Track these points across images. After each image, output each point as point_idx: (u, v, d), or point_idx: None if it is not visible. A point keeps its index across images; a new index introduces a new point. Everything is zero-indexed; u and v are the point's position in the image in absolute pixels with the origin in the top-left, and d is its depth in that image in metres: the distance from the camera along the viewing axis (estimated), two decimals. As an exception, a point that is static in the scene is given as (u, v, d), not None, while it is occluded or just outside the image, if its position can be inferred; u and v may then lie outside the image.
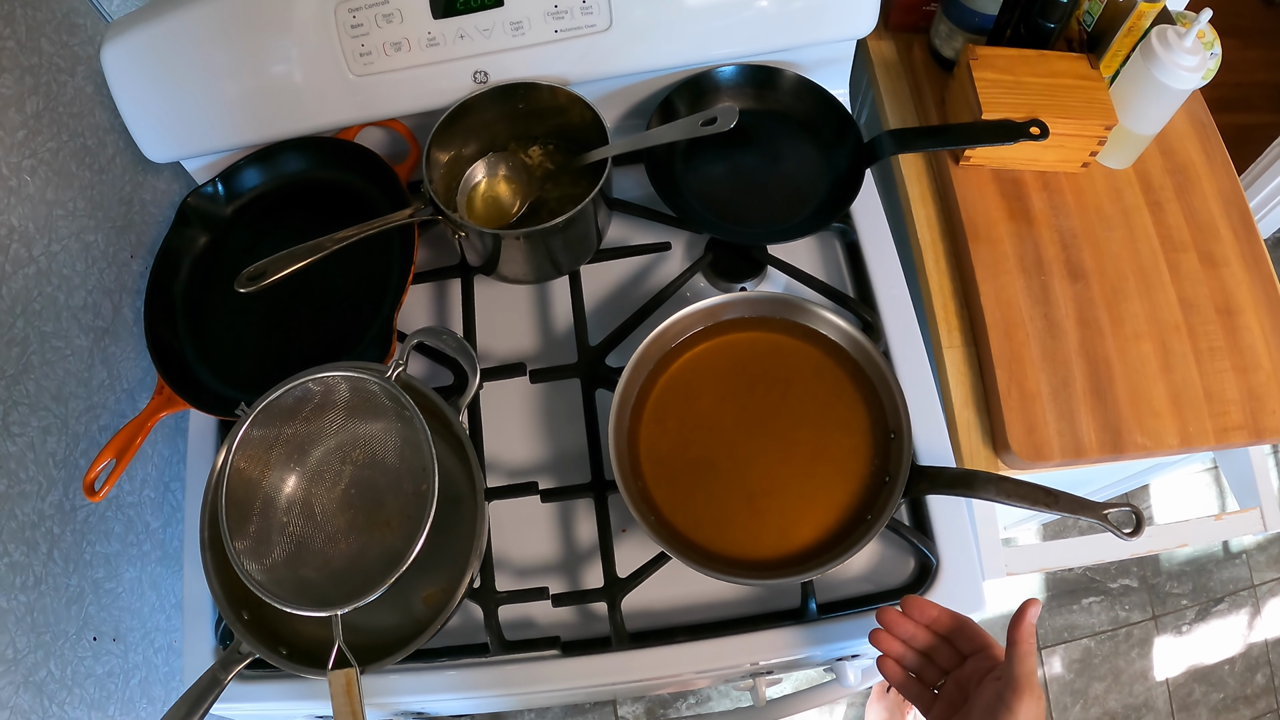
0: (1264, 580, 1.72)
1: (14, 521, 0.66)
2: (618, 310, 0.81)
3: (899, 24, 0.97)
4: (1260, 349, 0.80)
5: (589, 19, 0.77)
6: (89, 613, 0.73)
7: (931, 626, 0.59)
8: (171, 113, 0.79)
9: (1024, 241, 0.83)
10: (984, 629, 0.58)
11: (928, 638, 0.59)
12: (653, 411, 0.72)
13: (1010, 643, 0.53)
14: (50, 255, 0.72)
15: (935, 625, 0.59)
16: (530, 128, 0.82)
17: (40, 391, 0.70)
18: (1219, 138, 0.92)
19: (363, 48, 0.76)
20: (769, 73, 0.84)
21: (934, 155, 0.90)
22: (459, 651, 0.69)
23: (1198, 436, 0.77)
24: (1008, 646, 0.53)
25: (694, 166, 0.84)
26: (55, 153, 0.73)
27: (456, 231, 0.75)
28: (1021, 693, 0.51)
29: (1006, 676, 0.52)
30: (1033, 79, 0.82)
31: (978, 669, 0.56)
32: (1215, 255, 0.84)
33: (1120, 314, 0.81)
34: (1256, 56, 2.24)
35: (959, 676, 0.57)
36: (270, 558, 0.62)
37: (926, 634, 0.59)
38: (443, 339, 0.67)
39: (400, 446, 0.67)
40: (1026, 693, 0.51)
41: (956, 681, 0.57)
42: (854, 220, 0.84)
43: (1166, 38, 0.77)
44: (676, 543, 0.66)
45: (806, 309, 0.73)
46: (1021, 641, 0.52)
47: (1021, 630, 0.53)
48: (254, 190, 0.85)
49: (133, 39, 0.76)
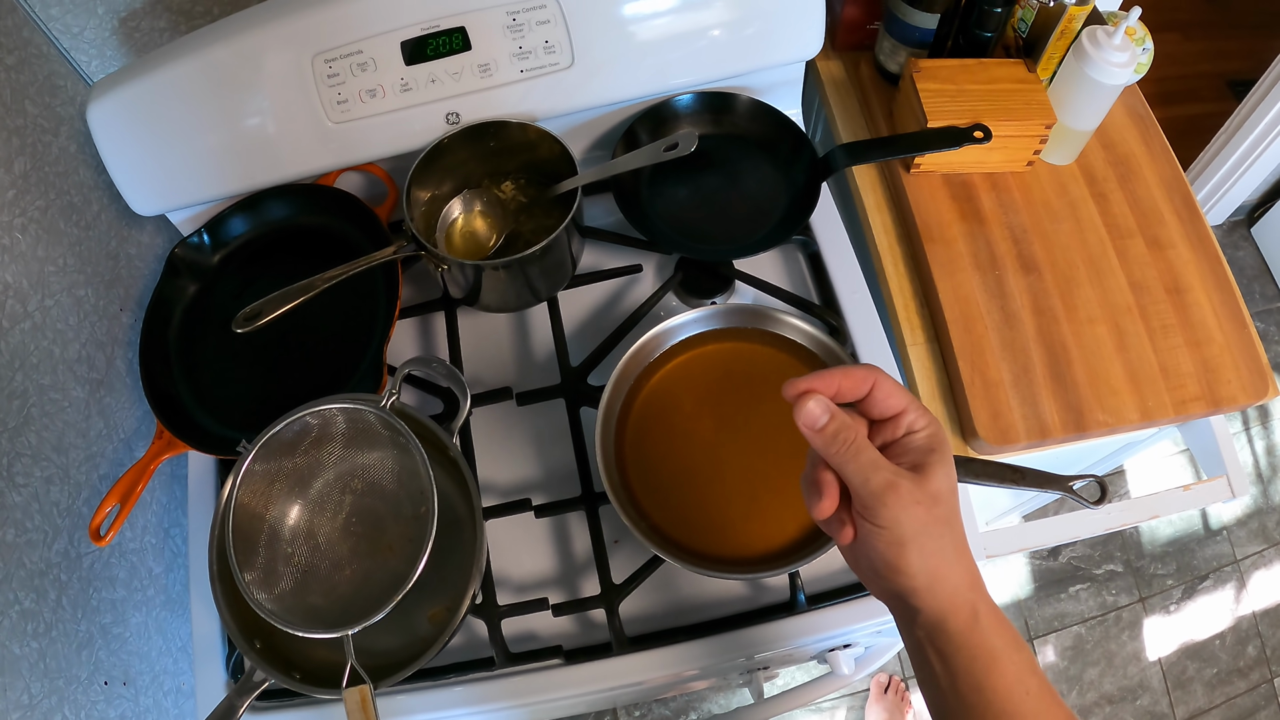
0: (1246, 554, 1.76)
1: (23, 570, 0.68)
2: (596, 332, 0.84)
3: (845, 43, 1.01)
4: (1211, 323, 0.84)
5: (552, 58, 0.81)
6: (99, 658, 0.75)
7: (838, 399, 0.46)
8: (157, 167, 0.82)
9: (977, 240, 0.87)
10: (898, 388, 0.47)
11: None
12: (636, 424, 0.75)
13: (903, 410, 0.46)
14: (44, 310, 0.75)
15: (840, 397, 0.47)
16: (502, 164, 0.85)
17: (42, 443, 0.72)
18: (1158, 128, 0.96)
19: (339, 96, 0.80)
20: (724, 98, 0.88)
21: (886, 165, 0.94)
22: (466, 667, 0.72)
23: (1157, 410, 0.81)
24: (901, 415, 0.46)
25: (659, 191, 0.88)
26: (44, 211, 0.76)
27: (439, 265, 0.78)
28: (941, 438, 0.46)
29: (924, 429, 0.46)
30: (974, 86, 0.87)
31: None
32: (1161, 238, 0.89)
33: (1074, 301, 0.85)
34: (1199, 49, 2.32)
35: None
36: (279, 587, 0.64)
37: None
38: (432, 367, 0.70)
39: (398, 473, 0.69)
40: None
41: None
42: (814, 232, 0.88)
43: (1096, 37, 0.81)
44: (667, 546, 0.69)
45: (775, 318, 0.76)
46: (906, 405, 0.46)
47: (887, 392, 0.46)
48: (240, 238, 0.88)
49: (117, 97, 0.78)
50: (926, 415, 0.46)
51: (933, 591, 0.44)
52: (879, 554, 0.44)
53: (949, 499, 0.45)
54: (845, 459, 0.44)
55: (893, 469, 0.44)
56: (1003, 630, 0.44)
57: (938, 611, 0.44)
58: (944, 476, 0.44)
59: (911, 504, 0.43)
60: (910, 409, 0.46)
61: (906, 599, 0.45)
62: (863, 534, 0.45)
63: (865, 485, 0.44)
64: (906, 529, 0.43)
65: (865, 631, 0.74)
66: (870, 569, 0.46)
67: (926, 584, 0.44)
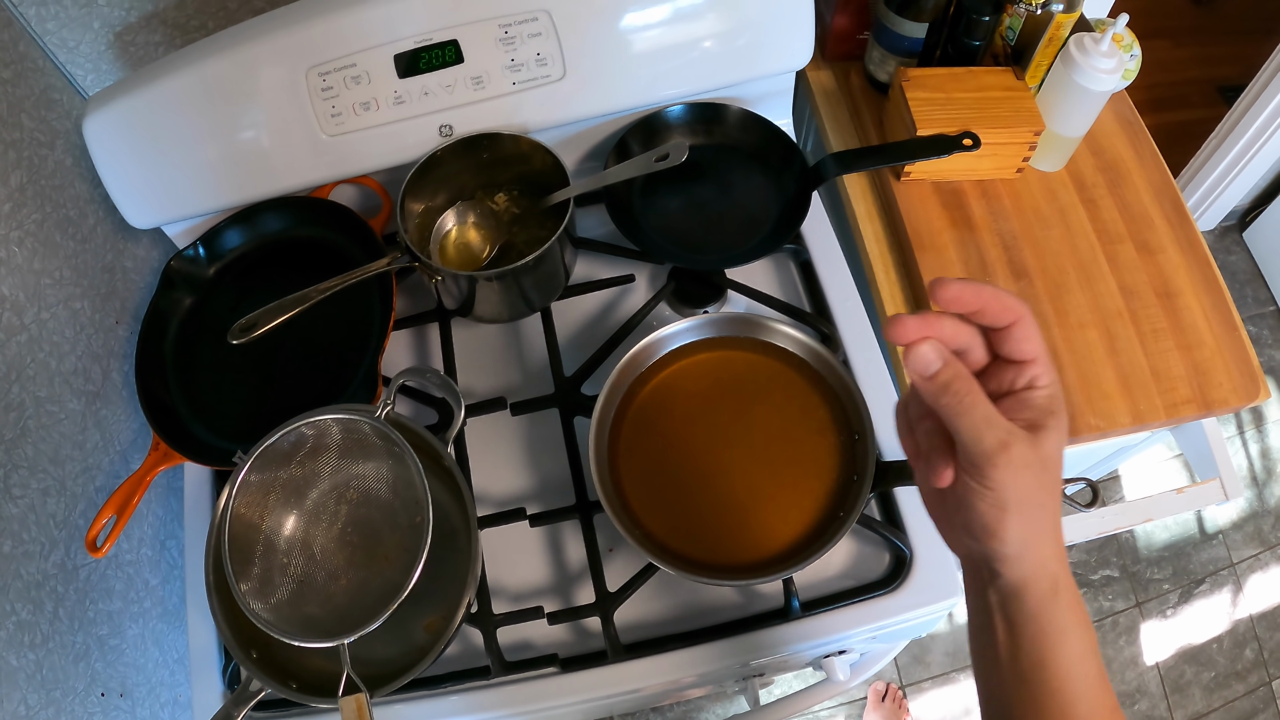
0: (1242, 558, 1.76)
1: (20, 581, 0.68)
2: (589, 342, 0.85)
3: (835, 54, 1.02)
4: (1202, 326, 0.85)
5: (544, 70, 0.82)
6: (95, 669, 0.75)
7: (978, 317, 0.42)
8: (152, 180, 0.83)
9: (967, 247, 0.88)
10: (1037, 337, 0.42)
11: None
12: (630, 433, 0.76)
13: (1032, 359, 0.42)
14: (40, 323, 0.75)
15: (981, 316, 0.42)
16: (495, 176, 0.85)
17: (38, 455, 0.73)
18: (1147, 134, 0.97)
19: (333, 109, 0.81)
20: (715, 109, 0.89)
21: (877, 173, 0.95)
22: (462, 676, 0.72)
23: (1148, 414, 0.81)
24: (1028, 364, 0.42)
25: (651, 202, 0.89)
26: (40, 224, 0.76)
27: (433, 276, 0.79)
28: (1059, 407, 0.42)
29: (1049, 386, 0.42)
30: (962, 94, 0.88)
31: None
32: (1151, 243, 0.89)
33: (1064, 306, 0.86)
34: (1189, 55, 2.33)
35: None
36: (275, 597, 0.64)
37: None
38: (426, 377, 0.71)
39: (393, 482, 0.70)
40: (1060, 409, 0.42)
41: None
42: (805, 240, 0.88)
43: (1084, 44, 0.82)
44: (662, 553, 0.69)
45: (767, 326, 0.76)
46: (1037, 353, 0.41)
47: (1029, 336, 0.41)
48: (235, 251, 0.89)
49: (113, 111, 0.79)
50: (1052, 370, 0.42)
51: (1021, 560, 0.41)
52: (977, 514, 0.41)
53: (1058, 466, 0.41)
54: (958, 412, 0.40)
55: (1008, 427, 0.40)
56: (1077, 607, 0.42)
57: (1020, 580, 0.42)
58: (1058, 442, 0.41)
59: (1023, 467, 0.40)
60: (1040, 359, 0.42)
61: (991, 562, 0.42)
62: (963, 489, 0.42)
63: (978, 443, 0.40)
64: (1013, 494, 0.40)
65: (860, 637, 0.74)
66: (960, 524, 0.43)
67: (1018, 552, 0.41)
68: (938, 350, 0.40)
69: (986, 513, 0.41)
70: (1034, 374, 0.42)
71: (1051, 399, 0.42)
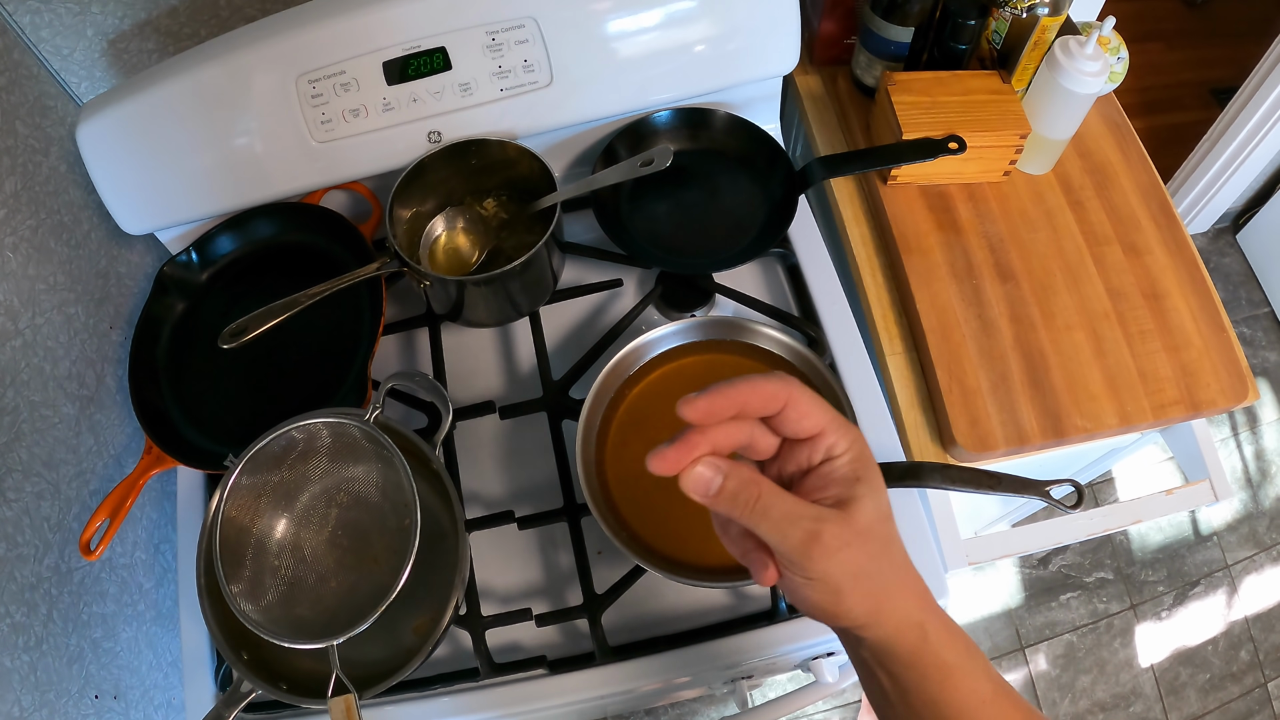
0: (1237, 560, 1.77)
1: (14, 584, 0.69)
2: (577, 346, 0.85)
3: (822, 58, 1.03)
4: (1189, 327, 0.85)
5: (531, 76, 0.83)
6: (89, 671, 0.76)
7: (744, 414, 0.40)
8: (146, 186, 0.83)
9: (954, 249, 0.89)
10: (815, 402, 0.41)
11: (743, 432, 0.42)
12: (617, 436, 0.76)
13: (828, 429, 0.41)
14: (35, 328, 0.76)
15: (748, 413, 0.40)
16: (483, 181, 0.86)
17: (32, 458, 0.73)
18: (1135, 136, 0.97)
19: (323, 116, 0.81)
20: (702, 114, 0.90)
21: (864, 177, 0.96)
22: (451, 678, 0.72)
23: (1136, 415, 0.81)
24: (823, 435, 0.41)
25: (639, 206, 0.89)
26: (34, 230, 0.77)
27: (422, 281, 0.79)
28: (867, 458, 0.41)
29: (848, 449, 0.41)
30: (948, 98, 0.88)
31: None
32: (1138, 245, 0.90)
33: (1051, 308, 0.86)
34: (1182, 57, 2.34)
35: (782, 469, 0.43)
36: (265, 599, 0.65)
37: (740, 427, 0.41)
38: (415, 380, 0.71)
39: (382, 485, 0.70)
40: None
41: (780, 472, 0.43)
42: (793, 244, 0.89)
43: (1069, 47, 0.82)
44: (649, 556, 0.70)
45: (754, 330, 0.77)
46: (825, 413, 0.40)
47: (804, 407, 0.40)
48: (227, 256, 0.89)
49: (106, 118, 0.80)
50: (849, 434, 0.41)
51: (878, 624, 0.41)
52: (814, 603, 0.40)
53: (882, 528, 0.40)
54: (754, 520, 0.39)
55: (812, 514, 0.39)
56: (953, 642, 0.42)
57: (883, 639, 0.41)
58: (873, 507, 0.40)
59: (840, 548, 0.38)
60: (829, 429, 0.40)
61: (849, 631, 0.42)
62: (790, 583, 0.41)
63: (784, 541, 0.38)
64: (840, 576, 0.39)
65: (846, 638, 0.75)
66: (805, 610, 0.42)
67: (870, 619, 0.40)
68: (713, 466, 0.39)
69: (821, 600, 0.40)
70: (828, 444, 0.40)
71: (854, 464, 0.40)
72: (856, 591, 0.39)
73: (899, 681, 0.42)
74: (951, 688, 0.41)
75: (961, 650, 0.42)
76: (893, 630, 0.41)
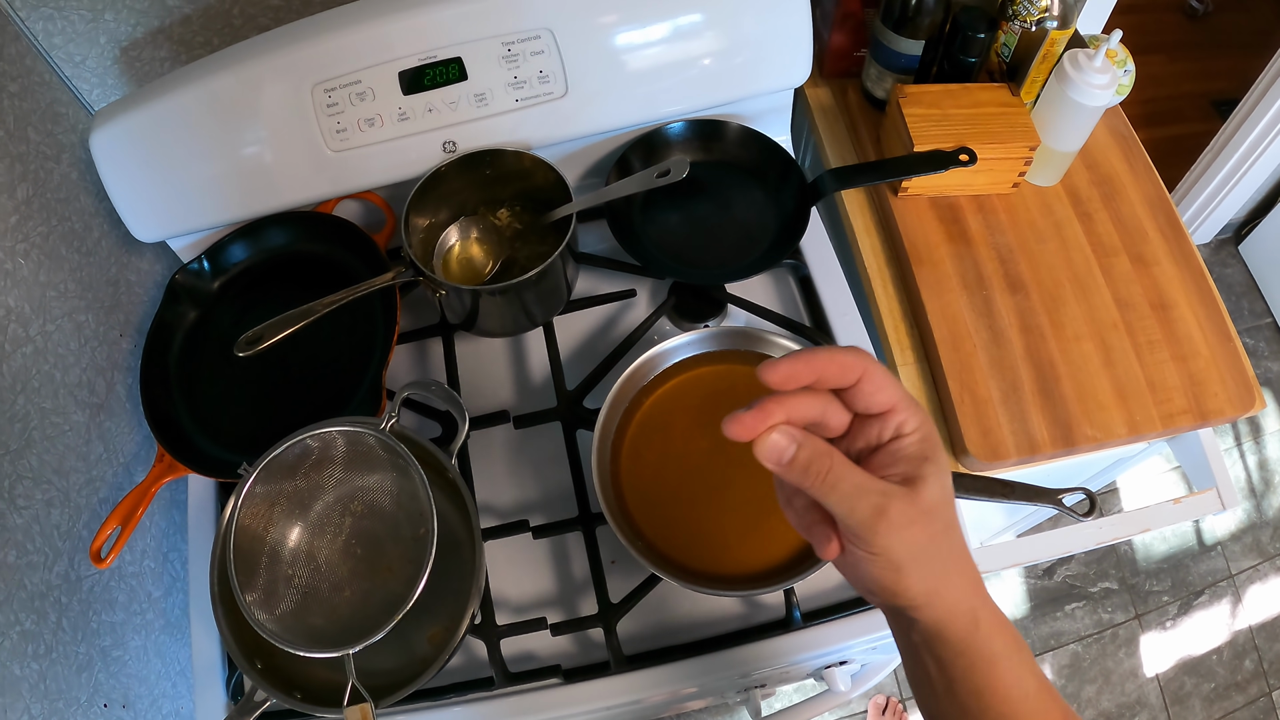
0: (1241, 569, 1.77)
1: (24, 591, 0.68)
2: (591, 356, 0.85)
3: (833, 71, 1.03)
4: (1197, 337, 0.86)
5: (546, 87, 0.83)
6: (98, 680, 0.75)
7: (819, 385, 0.41)
8: (159, 194, 0.83)
9: (964, 260, 0.89)
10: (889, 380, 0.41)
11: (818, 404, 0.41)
12: (631, 446, 0.76)
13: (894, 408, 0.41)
14: (46, 335, 0.76)
15: (823, 383, 0.41)
16: (498, 191, 0.86)
17: (43, 466, 0.73)
18: (1141, 148, 0.98)
19: (338, 125, 0.82)
20: (715, 125, 0.90)
21: (874, 189, 0.96)
22: (465, 687, 0.72)
23: (1144, 424, 0.82)
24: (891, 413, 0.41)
25: (652, 217, 0.90)
26: (46, 236, 0.77)
27: (436, 291, 0.79)
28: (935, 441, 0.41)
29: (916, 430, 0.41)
30: (958, 110, 0.89)
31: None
32: (1145, 256, 0.90)
33: (1060, 318, 0.86)
34: (1183, 69, 2.35)
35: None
36: (280, 608, 0.65)
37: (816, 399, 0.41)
38: (431, 390, 0.71)
39: (397, 494, 0.70)
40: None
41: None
42: (804, 255, 0.89)
43: (1078, 60, 0.83)
44: (664, 565, 0.70)
45: (767, 339, 0.77)
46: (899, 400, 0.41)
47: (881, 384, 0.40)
48: (239, 265, 0.89)
49: (119, 125, 0.80)
50: (919, 413, 0.41)
51: (932, 606, 0.41)
52: (873, 579, 0.41)
53: (945, 509, 0.40)
54: (825, 490, 0.39)
55: (880, 489, 0.39)
56: (1003, 632, 0.42)
57: (936, 622, 0.41)
58: (939, 487, 0.40)
59: (906, 525, 0.39)
60: (900, 406, 0.40)
61: (904, 612, 0.42)
62: (852, 557, 0.41)
63: (852, 515, 0.39)
64: (902, 553, 0.39)
65: (861, 648, 0.75)
66: (863, 587, 0.43)
67: (926, 600, 0.41)
68: (788, 435, 0.39)
69: (882, 576, 0.40)
70: (898, 422, 0.40)
71: (923, 443, 0.40)
72: (917, 570, 0.40)
73: (946, 669, 0.42)
74: (997, 678, 0.41)
75: (1010, 641, 0.42)
76: (946, 614, 0.41)
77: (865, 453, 0.42)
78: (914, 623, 0.42)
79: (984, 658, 0.41)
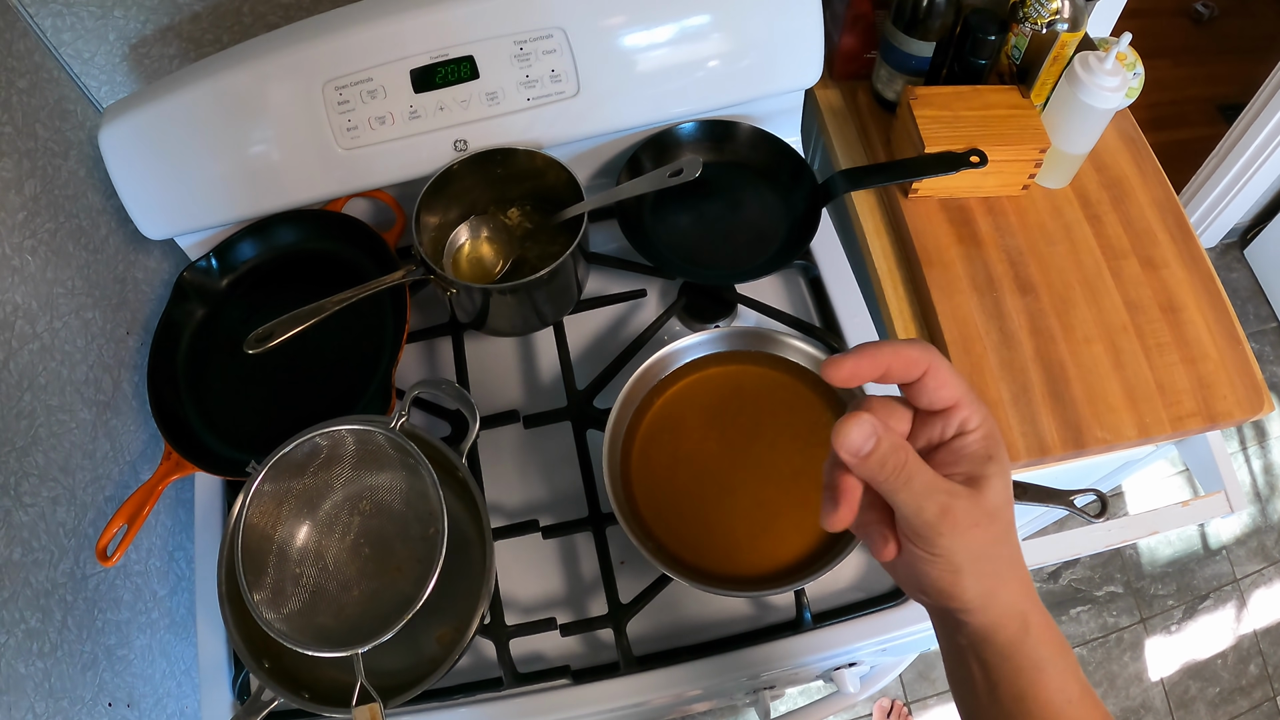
0: (1246, 573, 1.77)
1: (29, 589, 0.68)
2: (601, 355, 0.85)
3: (843, 72, 1.03)
4: (1206, 340, 0.86)
5: (558, 87, 0.83)
6: (103, 679, 0.75)
7: (883, 380, 0.40)
8: (167, 191, 0.83)
9: (974, 262, 0.89)
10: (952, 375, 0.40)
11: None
12: (642, 446, 0.76)
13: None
14: (53, 332, 0.75)
15: (887, 379, 0.40)
16: (509, 190, 0.86)
17: (49, 463, 0.73)
18: (1150, 151, 0.98)
19: (349, 123, 0.81)
20: (726, 126, 0.90)
21: (885, 190, 0.96)
22: (474, 688, 0.72)
23: (1154, 426, 0.82)
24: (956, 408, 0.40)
25: (663, 217, 0.89)
26: (53, 233, 0.77)
27: (447, 289, 0.79)
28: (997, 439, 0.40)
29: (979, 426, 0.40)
30: (969, 112, 0.89)
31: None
32: (1155, 258, 0.90)
33: (1070, 321, 0.86)
34: (1188, 73, 2.35)
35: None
36: (288, 607, 0.64)
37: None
38: (441, 388, 0.71)
39: (407, 494, 0.70)
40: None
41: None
42: (814, 256, 0.89)
43: (1088, 62, 0.83)
44: (674, 565, 0.70)
45: (777, 340, 0.77)
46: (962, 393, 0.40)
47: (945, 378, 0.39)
48: (247, 263, 0.89)
49: (128, 123, 0.80)
50: (981, 410, 0.40)
51: (985, 609, 0.40)
52: (930, 580, 0.40)
53: (1006, 511, 0.39)
54: (897, 486, 0.38)
55: (946, 489, 0.38)
56: (1050, 637, 0.41)
57: (987, 626, 0.40)
58: (1002, 488, 0.39)
59: (970, 527, 0.38)
60: (964, 402, 0.39)
61: (955, 615, 0.41)
62: (911, 557, 0.40)
63: (919, 514, 0.38)
64: (963, 556, 0.38)
65: (870, 649, 0.74)
66: (917, 588, 0.41)
67: (981, 604, 0.40)
68: (870, 425, 0.38)
69: (940, 578, 0.39)
70: (962, 418, 0.40)
71: (986, 442, 0.40)
72: (974, 573, 0.39)
73: (991, 673, 0.41)
74: (1042, 684, 0.40)
75: (1056, 647, 0.41)
76: (997, 618, 0.40)
77: (926, 451, 0.41)
78: (963, 625, 0.41)
79: (1031, 663, 0.40)
